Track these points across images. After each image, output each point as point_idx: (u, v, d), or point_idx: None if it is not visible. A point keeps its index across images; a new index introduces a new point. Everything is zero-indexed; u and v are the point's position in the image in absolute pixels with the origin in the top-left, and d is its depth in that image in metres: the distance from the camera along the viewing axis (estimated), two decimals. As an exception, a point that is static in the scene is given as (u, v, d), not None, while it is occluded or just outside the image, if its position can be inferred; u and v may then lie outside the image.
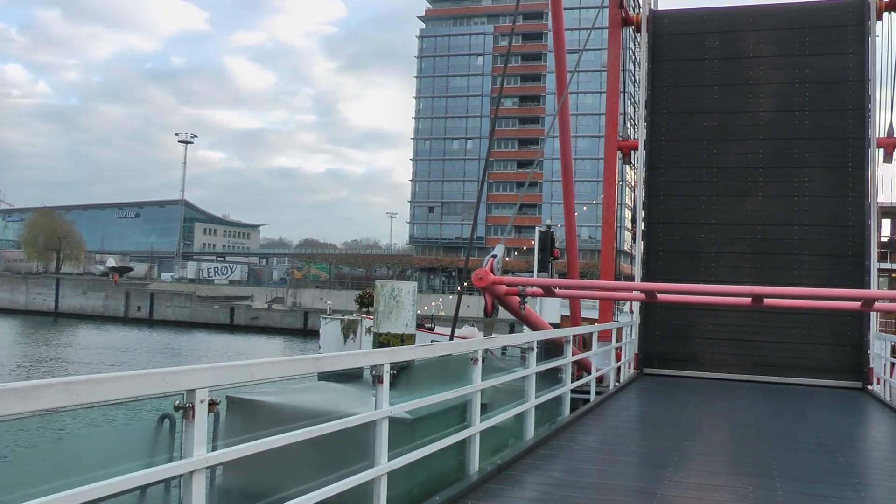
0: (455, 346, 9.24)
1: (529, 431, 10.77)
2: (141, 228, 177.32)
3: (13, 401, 3.28)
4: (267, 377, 5.26)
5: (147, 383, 4.04)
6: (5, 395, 3.23)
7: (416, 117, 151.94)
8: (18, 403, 3.31)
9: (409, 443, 7.08)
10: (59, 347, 62.77)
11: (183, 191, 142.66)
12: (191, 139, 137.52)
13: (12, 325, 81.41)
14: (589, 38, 28.85)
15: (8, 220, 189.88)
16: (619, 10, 24.00)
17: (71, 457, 4.43)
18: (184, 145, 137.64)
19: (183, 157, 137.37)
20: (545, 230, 24.33)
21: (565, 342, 13.14)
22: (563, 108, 23.02)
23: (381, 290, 14.10)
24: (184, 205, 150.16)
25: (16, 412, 3.33)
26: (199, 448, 4.28)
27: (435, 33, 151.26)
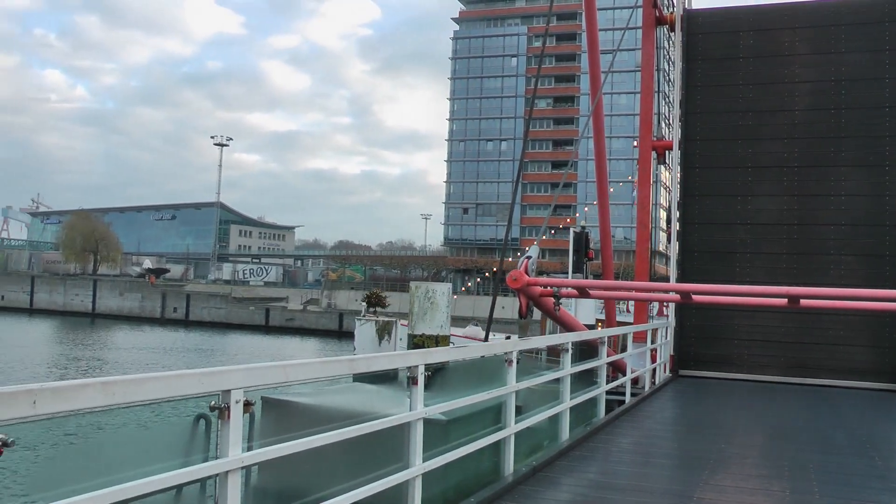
0: (490, 347, 9.24)
1: (564, 433, 10.73)
2: (177, 230, 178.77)
3: (52, 400, 3.32)
4: (302, 378, 5.29)
5: (183, 384, 4.07)
6: (44, 395, 3.27)
7: (450, 119, 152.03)
8: (57, 403, 3.35)
9: (444, 444, 7.08)
10: (97, 348, 63.43)
11: (218, 193, 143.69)
12: (226, 142, 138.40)
13: (51, 325, 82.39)
14: (623, 38, 28.74)
15: (46, 222, 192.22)
16: (652, 9, 23.86)
17: (108, 455, 4.47)
18: (219, 148, 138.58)
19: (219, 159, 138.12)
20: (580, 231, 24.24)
21: (600, 343, 13.10)
22: (597, 109, 22.94)
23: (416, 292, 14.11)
24: (219, 207, 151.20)
25: (55, 411, 3.37)
26: (234, 448, 4.31)
27: (469, 35, 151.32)
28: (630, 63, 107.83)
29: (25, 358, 53.82)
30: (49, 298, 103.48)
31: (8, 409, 3.11)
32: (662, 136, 26.41)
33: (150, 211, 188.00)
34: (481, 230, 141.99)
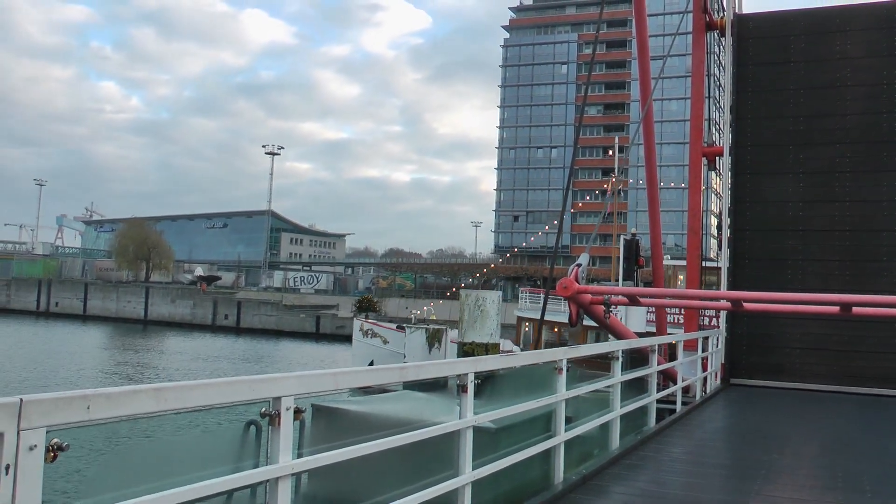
0: (540, 355, 9.20)
1: (614, 441, 10.66)
2: (228, 238, 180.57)
3: (106, 406, 3.36)
4: (352, 386, 5.31)
5: (234, 390, 4.11)
6: (98, 401, 3.32)
7: (500, 126, 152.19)
8: (111, 408, 3.39)
9: (493, 452, 7.07)
10: (148, 354, 64.22)
11: (270, 201, 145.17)
12: (277, 150, 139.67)
13: (104, 331, 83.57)
14: (673, 44, 28.55)
15: (100, 230, 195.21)
16: (702, 14, 23.65)
17: (160, 461, 4.52)
18: (271, 157, 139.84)
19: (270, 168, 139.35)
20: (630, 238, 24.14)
21: (650, 351, 13.00)
22: (647, 115, 22.81)
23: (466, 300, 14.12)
24: (270, 215, 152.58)
25: (108, 417, 3.42)
26: (284, 455, 4.33)
27: (519, 42, 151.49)
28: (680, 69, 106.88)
29: (79, 364, 54.70)
30: (102, 305, 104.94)
31: (63, 414, 3.16)
32: (713, 141, 26.14)
33: (202, 219, 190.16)
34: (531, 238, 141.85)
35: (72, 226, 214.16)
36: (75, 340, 73.00)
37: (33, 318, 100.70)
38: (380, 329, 43.85)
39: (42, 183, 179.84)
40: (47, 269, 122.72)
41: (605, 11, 33.11)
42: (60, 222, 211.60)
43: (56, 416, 3.12)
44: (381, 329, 43.82)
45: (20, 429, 2.96)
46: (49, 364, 53.35)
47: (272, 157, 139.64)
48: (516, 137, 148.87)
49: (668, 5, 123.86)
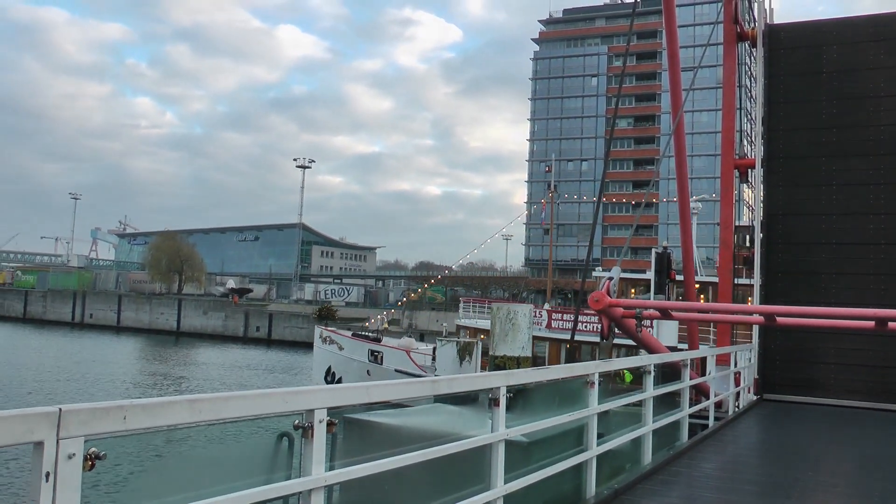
0: (571, 369, 9.18)
1: (647, 456, 10.59)
2: (260, 251, 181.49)
3: (142, 416, 3.41)
4: (384, 399, 5.33)
5: (268, 402, 4.14)
6: (134, 411, 3.36)
7: (530, 139, 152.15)
8: (147, 419, 3.44)
9: (525, 465, 7.05)
10: (182, 365, 64.60)
11: (300, 214, 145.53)
12: (308, 164, 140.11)
13: (137, 342, 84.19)
14: (704, 55, 28.42)
15: (133, 243, 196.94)
16: (733, 25, 23.49)
17: (194, 471, 4.55)
18: (302, 170, 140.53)
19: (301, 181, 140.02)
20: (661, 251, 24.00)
21: (683, 366, 12.91)
22: (678, 127, 22.70)
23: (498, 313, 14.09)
24: (301, 228, 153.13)
25: (144, 427, 3.47)
26: (317, 467, 4.36)
27: (549, 55, 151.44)
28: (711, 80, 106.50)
29: (114, 374, 55.21)
30: (135, 317, 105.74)
31: (100, 424, 3.21)
32: (745, 153, 25.96)
33: (234, 232, 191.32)
34: (562, 251, 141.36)
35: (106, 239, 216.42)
36: (110, 351, 73.64)
37: (68, 329, 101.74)
38: (336, 336, 46.18)
39: (77, 197, 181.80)
40: (82, 281, 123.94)
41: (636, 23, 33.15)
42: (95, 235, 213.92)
43: (94, 425, 3.17)
44: (337, 336, 46.17)
45: (59, 437, 3.01)
46: (85, 374, 53.94)
47: (303, 171, 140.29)
48: (546, 150, 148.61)
49: (699, 16, 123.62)
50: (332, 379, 45.58)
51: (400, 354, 42.88)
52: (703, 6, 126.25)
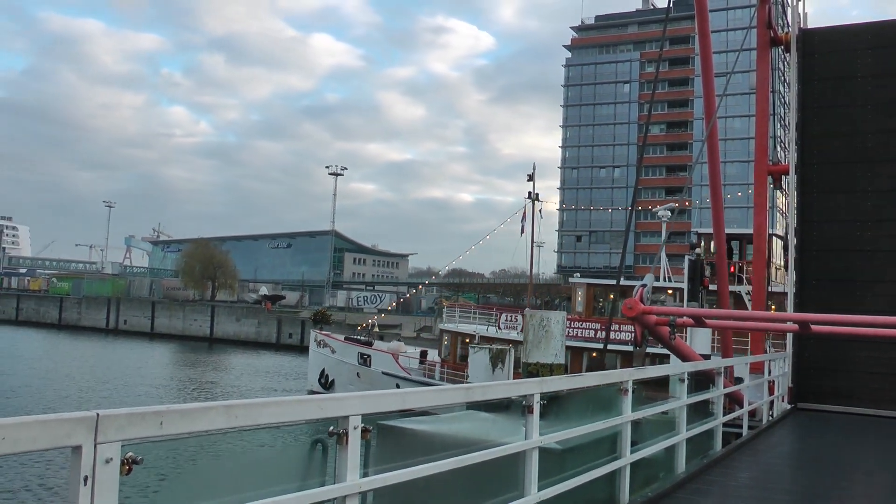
0: (605, 376, 9.14)
1: (680, 465, 10.51)
2: (292, 258, 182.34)
3: (178, 422, 3.44)
4: (418, 406, 5.34)
5: (303, 409, 4.16)
6: (171, 417, 3.39)
7: (563, 146, 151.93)
8: (183, 424, 3.47)
9: (559, 473, 7.02)
10: (215, 371, 65.03)
11: (333, 221, 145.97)
12: (341, 171, 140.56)
13: (171, 349, 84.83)
14: (737, 61, 28.25)
15: (167, 250, 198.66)
16: (767, 30, 23.28)
17: (229, 477, 4.57)
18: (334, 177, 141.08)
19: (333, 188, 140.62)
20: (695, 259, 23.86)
21: (716, 374, 12.82)
22: (711, 133, 22.55)
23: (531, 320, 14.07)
24: (334, 235, 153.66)
25: (180, 432, 3.49)
26: (351, 474, 4.37)
27: (581, 62, 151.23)
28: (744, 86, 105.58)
29: (148, 380, 55.73)
30: (169, 323, 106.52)
31: (137, 429, 3.24)
32: (778, 160, 25.76)
33: (267, 239, 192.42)
34: (595, 258, 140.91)
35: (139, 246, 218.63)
36: (144, 357, 74.29)
37: (103, 335, 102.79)
38: (330, 340, 48.55)
39: (111, 205, 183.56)
40: (116, 288, 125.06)
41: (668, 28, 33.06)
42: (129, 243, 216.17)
43: (130, 430, 3.20)
44: (330, 340, 48.51)
45: (97, 442, 3.04)
46: (120, 380, 54.53)
47: (335, 178, 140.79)
48: (579, 157, 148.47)
49: (732, 21, 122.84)
50: (325, 381, 47.38)
51: (387, 358, 44.45)
52: (735, 11, 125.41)
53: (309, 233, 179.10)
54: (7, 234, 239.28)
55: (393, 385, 41.82)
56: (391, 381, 42.60)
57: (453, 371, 42.18)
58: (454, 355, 44.05)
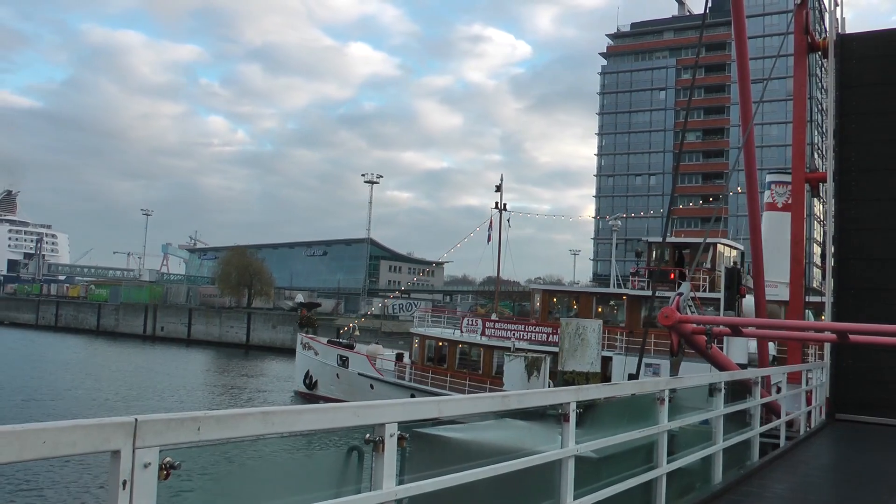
0: (642, 385, 9.08)
1: (717, 475, 10.42)
2: (328, 266, 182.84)
3: (215, 427, 3.46)
4: (455, 414, 5.33)
5: (339, 416, 4.17)
6: (208, 423, 3.41)
7: (598, 154, 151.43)
8: (220, 430, 3.49)
9: (595, 482, 6.99)
10: (251, 377, 65.46)
11: (369, 229, 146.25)
12: (376, 179, 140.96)
13: (208, 355, 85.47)
14: (774, 67, 28.02)
15: (203, 258, 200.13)
16: (804, 35, 23.00)
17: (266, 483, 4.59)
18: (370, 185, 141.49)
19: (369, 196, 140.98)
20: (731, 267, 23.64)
21: (753, 383, 12.70)
22: (748, 141, 22.34)
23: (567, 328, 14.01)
24: (369, 243, 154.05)
25: (217, 438, 3.52)
26: (388, 481, 4.37)
27: (617, 69, 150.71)
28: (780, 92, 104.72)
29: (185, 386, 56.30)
30: (205, 330, 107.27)
31: (175, 435, 3.27)
32: (816, 167, 25.45)
33: (302, 247, 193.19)
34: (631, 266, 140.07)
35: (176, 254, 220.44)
36: (181, 363, 74.97)
37: (140, 342, 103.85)
38: (314, 343, 51.28)
39: (148, 213, 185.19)
40: (153, 295, 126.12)
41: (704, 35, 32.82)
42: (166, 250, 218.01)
43: (168, 436, 3.23)
44: (314, 343, 51.26)
45: (135, 447, 3.08)
46: (157, 385, 55.14)
47: (371, 186, 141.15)
48: (615, 165, 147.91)
49: (769, 27, 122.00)
50: (309, 382, 50.35)
51: (363, 360, 47.60)
52: (772, 17, 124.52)
53: (345, 241, 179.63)
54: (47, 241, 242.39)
55: (367, 384, 45.83)
56: (366, 382, 46.23)
57: (420, 372, 44.72)
58: (422, 357, 46.18)
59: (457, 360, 44.51)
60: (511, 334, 42.86)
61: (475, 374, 42.61)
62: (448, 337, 45.95)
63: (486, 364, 42.79)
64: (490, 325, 45.13)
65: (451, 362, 44.70)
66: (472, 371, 42.98)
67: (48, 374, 59.08)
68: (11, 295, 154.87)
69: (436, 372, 44.21)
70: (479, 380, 41.79)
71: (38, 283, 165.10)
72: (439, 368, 44.55)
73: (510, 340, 41.64)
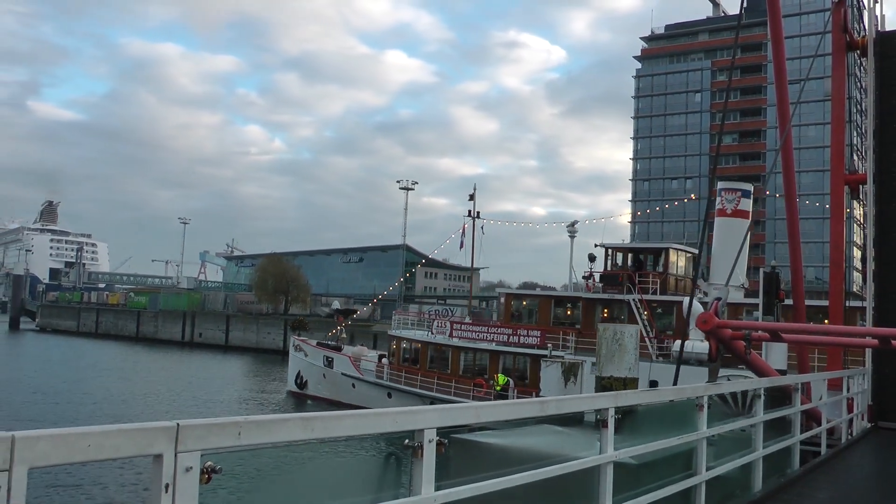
0: (681, 391, 9.02)
1: (757, 483, 10.31)
2: (364, 272, 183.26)
3: (256, 432, 3.49)
4: (493, 419, 5.33)
5: (379, 422, 4.19)
6: (249, 427, 3.44)
7: (634, 158, 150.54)
8: (260, 435, 3.52)
9: (633, 489, 6.94)
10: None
11: (404, 235, 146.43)
12: (412, 185, 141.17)
13: (245, 361, 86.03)
14: (812, 67, 27.69)
15: (240, 265, 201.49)
16: (842, 34, 22.62)
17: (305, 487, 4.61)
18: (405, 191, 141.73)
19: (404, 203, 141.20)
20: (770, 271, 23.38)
21: (794, 390, 12.56)
22: (786, 142, 22.09)
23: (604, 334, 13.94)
24: (405, 249, 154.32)
25: (257, 443, 3.55)
26: (426, 487, 4.38)
27: (651, 72, 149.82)
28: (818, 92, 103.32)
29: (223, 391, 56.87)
30: (243, 336, 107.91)
31: (216, 439, 3.30)
32: (855, 168, 25.12)
33: (339, 254, 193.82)
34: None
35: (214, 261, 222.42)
36: (219, 369, 75.56)
37: (178, 348, 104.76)
38: (304, 345, 54.30)
39: (186, 221, 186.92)
40: (191, 302, 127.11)
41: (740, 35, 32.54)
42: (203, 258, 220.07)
43: (210, 440, 3.27)
44: (304, 345, 54.23)
45: (177, 451, 3.12)
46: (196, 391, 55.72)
47: (406, 192, 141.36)
48: (650, 169, 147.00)
49: (806, 27, 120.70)
50: (300, 382, 53.33)
51: (346, 361, 50.71)
52: (809, 16, 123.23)
53: (380, 247, 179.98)
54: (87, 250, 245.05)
55: (349, 383, 49.26)
56: (348, 381, 49.38)
57: (395, 372, 47.42)
58: (398, 358, 49.13)
59: (428, 361, 46.96)
60: (476, 335, 45.71)
61: (444, 373, 45.05)
62: (420, 339, 48.58)
63: (453, 363, 45.23)
64: (457, 327, 47.91)
65: (422, 362, 47.17)
66: (441, 370, 45.40)
67: (89, 379, 59.92)
68: (53, 302, 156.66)
69: (409, 371, 46.56)
70: (446, 378, 44.16)
71: (79, 290, 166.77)
72: (413, 368, 46.95)
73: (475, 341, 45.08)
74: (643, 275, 43.06)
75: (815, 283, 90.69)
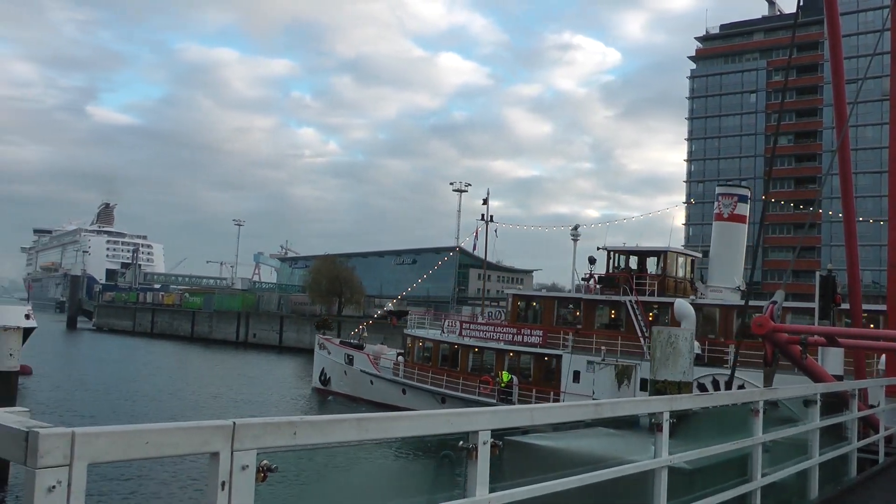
0: (736, 396, 8.91)
1: (813, 490, 10.14)
2: (417, 274, 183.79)
3: (311, 433, 3.52)
4: (547, 421, 5.32)
5: (433, 423, 4.20)
6: (304, 427, 3.47)
7: (688, 160, 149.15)
8: (315, 435, 3.55)
9: (687, 494, 6.88)
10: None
11: (458, 238, 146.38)
12: (465, 188, 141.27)
13: (298, 362, 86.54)
14: (869, 66, 27.25)
15: (294, 267, 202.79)
16: (902, 32, 22.27)
17: (359, 489, 4.63)
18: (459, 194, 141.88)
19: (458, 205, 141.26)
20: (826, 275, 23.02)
21: (850, 396, 12.35)
22: (843, 143, 21.73)
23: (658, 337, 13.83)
24: (458, 251, 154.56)
25: (312, 443, 3.57)
26: (481, 488, 4.38)
27: (706, 73, 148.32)
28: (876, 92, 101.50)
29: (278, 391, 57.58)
30: (296, 337, 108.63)
31: (272, 438, 3.33)
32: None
33: (392, 256, 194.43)
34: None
35: (268, 262, 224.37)
36: (273, 369, 76.27)
37: (233, 348, 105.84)
38: (327, 343, 57.17)
39: (240, 223, 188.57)
40: (245, 303, 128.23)
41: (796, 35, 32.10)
42: (257, 259, 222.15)
43: (265, 439, 3.30)
44: (328, 343, 57.12)
45: (234, 449, 3.15)
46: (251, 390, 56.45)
47: (460, 195, 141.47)
48: (704, 170, 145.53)
49: (863, 25, 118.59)
50: (324, 378, 55.62)
51: (365, 359, 52.69)
52: (867, 14, 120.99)
53: (433, 249, 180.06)
54: (143, 251, 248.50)
55: (368, 380, 51.33)
56: (367, 378, 51.42)
57: (409, 370, 49.27)
58: (413, 356, 50.76)
59: (440, 359, 48.70)
60: (484, 334, 47.91)
61: (454, 370, 46.60)
62: (433, 338, 50.35)
63: (462, 361, 46.97)
64: (466, 326, 50.32)
65: (434, 361, 48.92)
66: (452, 368, 46.97)
67: (145, 377, 60.83)
68: (110, 303, 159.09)
69: (422, 369, 48.31)
70: (456, 376, 45.78)
71: (135, 291, 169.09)
72: (426, 366, 48.64)
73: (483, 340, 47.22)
74: (641, 277, 44.20)
75: (872, 287, 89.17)
